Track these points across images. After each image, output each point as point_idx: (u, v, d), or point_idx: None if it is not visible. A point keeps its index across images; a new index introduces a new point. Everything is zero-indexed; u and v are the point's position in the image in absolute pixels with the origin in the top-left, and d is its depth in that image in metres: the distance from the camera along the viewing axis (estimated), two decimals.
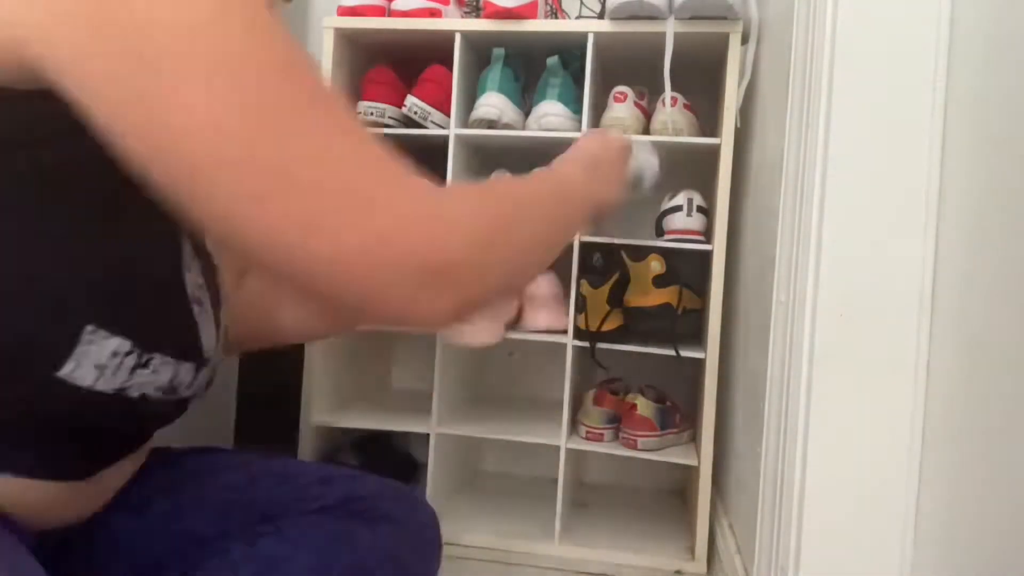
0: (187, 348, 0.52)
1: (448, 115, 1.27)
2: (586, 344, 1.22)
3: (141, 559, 0.58)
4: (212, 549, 0.56)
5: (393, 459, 1.39)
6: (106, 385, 0.47)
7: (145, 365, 0.48)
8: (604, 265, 1.29)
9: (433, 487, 1.27)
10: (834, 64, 0.67)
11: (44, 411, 0.46)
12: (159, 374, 0.49)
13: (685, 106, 1.26)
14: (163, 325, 0.50)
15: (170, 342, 0.50)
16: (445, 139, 1.27)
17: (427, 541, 0.67)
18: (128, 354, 0.47)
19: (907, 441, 0.64)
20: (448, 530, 1.28)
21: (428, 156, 1.34)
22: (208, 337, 0.54)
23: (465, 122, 1.29)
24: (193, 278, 0.54)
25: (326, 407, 1.36)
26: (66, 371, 0.45)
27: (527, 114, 1.29)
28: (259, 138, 0.37)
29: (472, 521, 1.31)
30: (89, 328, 0.45)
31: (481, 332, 1.21)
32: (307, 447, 1.29)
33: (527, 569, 1.19)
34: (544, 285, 1.38)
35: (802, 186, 0.72)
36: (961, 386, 0.58)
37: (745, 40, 1.17)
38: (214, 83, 0.37)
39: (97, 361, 0.46)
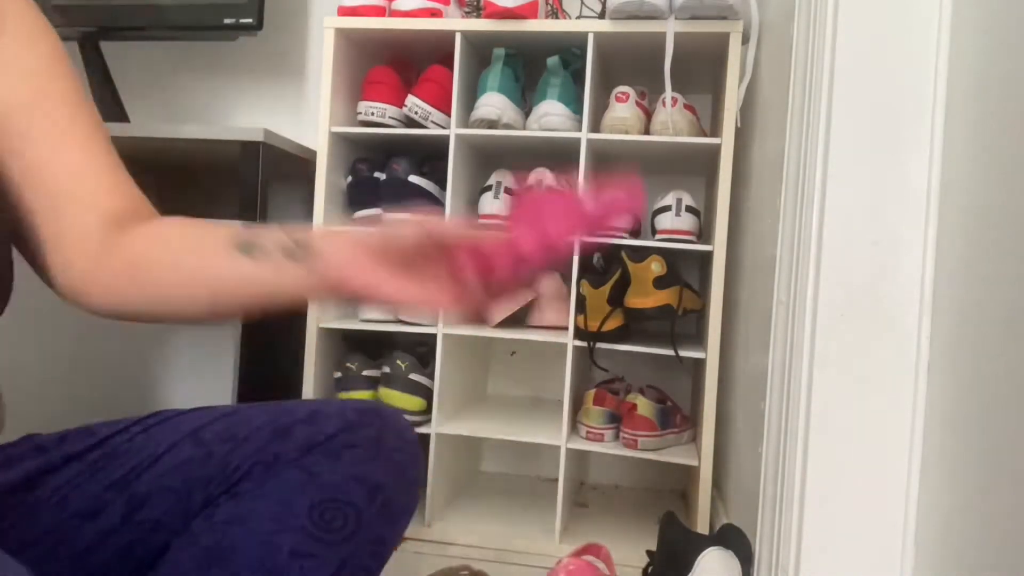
0: None
1: (448, 115, 1.27)
2: (586, 344, 1.22)
3: (108, 557, 0.57)
4: (174, 531, 0.55)
5: None
6: None
7: None
8: (604, 265, 1.29)
9: (433, 487, 1.27)
10: (835, 64, 0.67)
11: None
12: None
13: (685, 106, 1.26)
14: None
15: None
16: (445, 139, 1.27)
17: (399, 463, 0.60)
18: None
19: (907, 441, 0.64)
20: (448, 530, 1.30)
21: (429, 156, 1.35)
22: None
23: (465, 122, 1.29)
24: None
25: None
26: None
27: (527, 114, 1.29)
28: None
29: (472, 521, 1.31)
30: None
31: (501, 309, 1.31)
32: None
33: (527, 569, 1.19)
34: (549, 283, 1.38)
35: (802, 186, 0.72)
36: (962, 386, 0.58)
37: (745, 40, 1.17)
38: None
39: None
